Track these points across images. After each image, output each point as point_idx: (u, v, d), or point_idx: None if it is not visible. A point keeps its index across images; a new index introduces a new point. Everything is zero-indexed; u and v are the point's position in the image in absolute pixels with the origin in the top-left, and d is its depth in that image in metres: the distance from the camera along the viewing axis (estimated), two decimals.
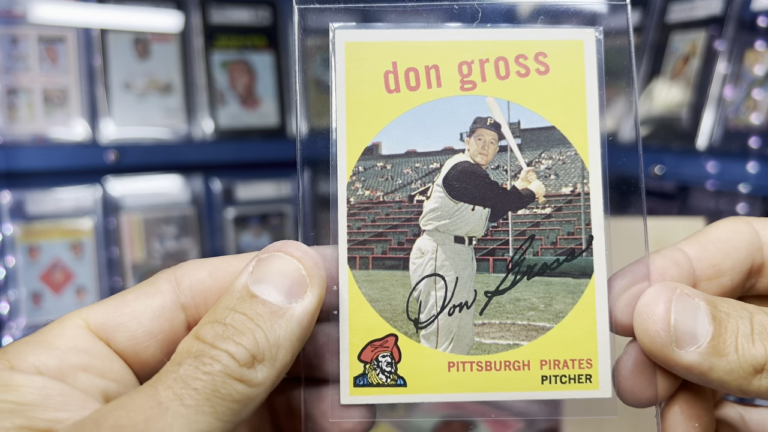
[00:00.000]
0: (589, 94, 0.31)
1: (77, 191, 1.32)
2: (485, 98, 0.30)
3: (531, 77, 0.30)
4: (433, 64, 0.30)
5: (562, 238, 0.31)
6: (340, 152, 0.30)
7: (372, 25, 0.30)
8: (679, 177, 1.08)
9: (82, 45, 1.30)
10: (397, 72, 0.30)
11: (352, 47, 0.30)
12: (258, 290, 0.28)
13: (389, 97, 0.30)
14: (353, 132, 0.30)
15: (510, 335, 0.31)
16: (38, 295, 1.28)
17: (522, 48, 0.30)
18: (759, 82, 1.04)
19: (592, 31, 0.31)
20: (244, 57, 1.41)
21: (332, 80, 0.30)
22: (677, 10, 1.20)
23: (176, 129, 1.35)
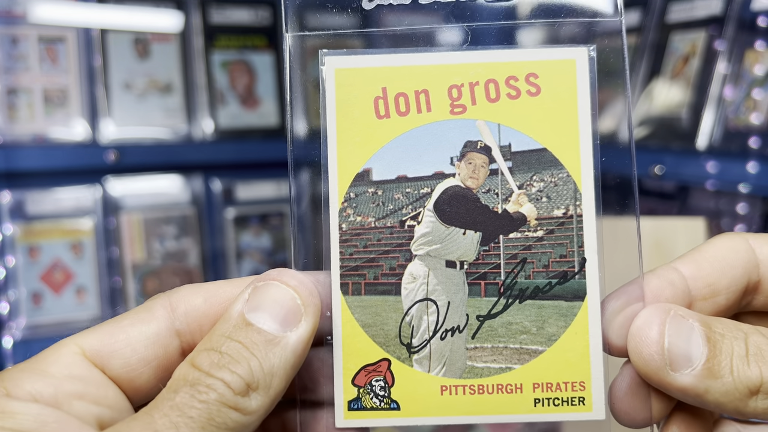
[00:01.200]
0: (581, 114, 0.30)
1: (77, 191, 1.32)
2: (475, 122, 0.30)
3: (522, 99, 0.30)
4: (422, 88, 0.30)
5: (555, 260, 0.31)
6: (332, 179, 0.30)
7: (361, 51, 0.30)
8: (679, 177, 1.08)
9: (82, 45, 1.30)
10: (386, 97, 0.30)
11: (341, 74, 0.30)
12: (253, 318, 0.28)
13: (379, 123, 0.30)
14: (344, 159, 0.30)
15: (502, 359, 0.31)
16: (38, 295, 1.28)
17: (512, 69, 0.30)
18: (759, 82, 1.04)
19: (585, 50, 0.30)
20: (244, 57, 1.41)
21: (323, 107, 0.30)
22: (677, 10, 1.20)
23: (176, 129, 1.36)
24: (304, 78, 0.32)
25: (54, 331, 1.29)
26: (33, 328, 1.28)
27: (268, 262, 1.47)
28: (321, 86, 0.31)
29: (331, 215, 0.30)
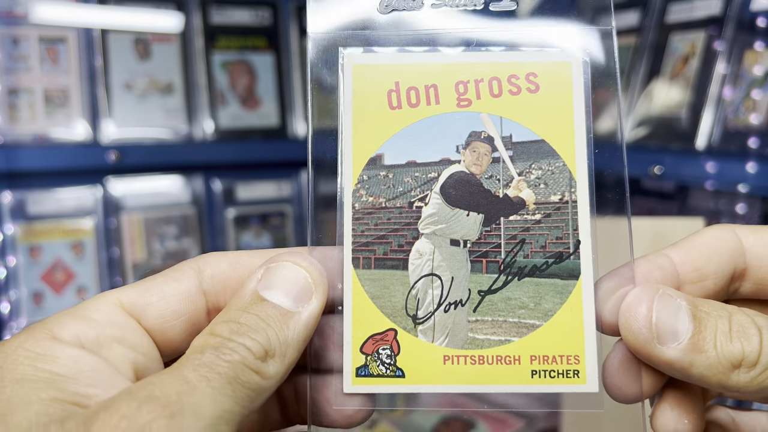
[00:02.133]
0: (576, 110, 0.33)
1: (78, 191, 1.32)
2: (479, 114, 0.33)
3: (522, 95, 0.33)
4: (432, 83, 0.33)
5: (551, 242, 0.33)
6: (346, 162, 0.33)
7: (377, 48, 0.33)
8: (678, 177, 1.08)
9: (83, 45, 1.30)
10: (399, 91, 0.33)
11: (358, 69, 0.33)
12: (268, 295, 0.31)
13: (392, 113, 0.33)
14: (359, 144, 0.33)
15: (502, 331, 0.33)
16: (39, 295, 1.28)
17: (514, 69, 0.33)
18: (758, 83, 1.04)
19: (580, 54, 0.33)
20: (245, 57, 1.41)
21: (341, 98, 0.33)
22: (676, 10, 1.20)
23: (177, 129, 1.36)
24: (324, 74, 0.35)
25: None
26: None
27: None
28: (340, 79, 0.33)
29: (345, 195, 0.33)
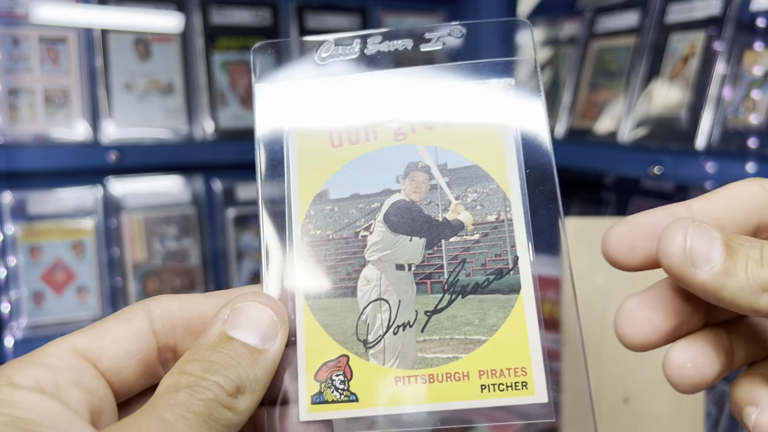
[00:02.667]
0: (505, 134, 0.35)
1: (78, 191, 1.32)
2: (416, 146, 0.35)
3: (455, 125, 0.35)
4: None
5: (491, 259, 0.35)
6: (294, 200, 0.35)
7: (317, 94, 0.36)
8: (678, 177, 1.08)
9: (83, 46, 1.30)
10: (340, 130, 0.36)
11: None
12: (236, 334, 0.32)
13: (334, 151, 0.36)
14: (304, 182, 0.35)
15: (449, 349, 0.34)
16: (39, 294, 1.29)
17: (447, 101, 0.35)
18: (758, 83, 1.04)
19: (505, 82, 0.35)
20: (245, 58, 1.41)
21: (285, 139, 0.36)
22: (676, 10, 1.21)
23: (177, 129, 1.36)
24: (270, 121, 0.37)
25: (55, 331, 1.29)
26: (34, 328, 1.28)
27: None
28: (284, 125, 0.36)
29: (294, 231, 0.35)
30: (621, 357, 0.91)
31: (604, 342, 0.92)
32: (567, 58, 1.45)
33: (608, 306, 0.92)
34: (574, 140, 1.35)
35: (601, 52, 1.36)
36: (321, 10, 1.48)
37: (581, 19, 1.42)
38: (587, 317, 0.92)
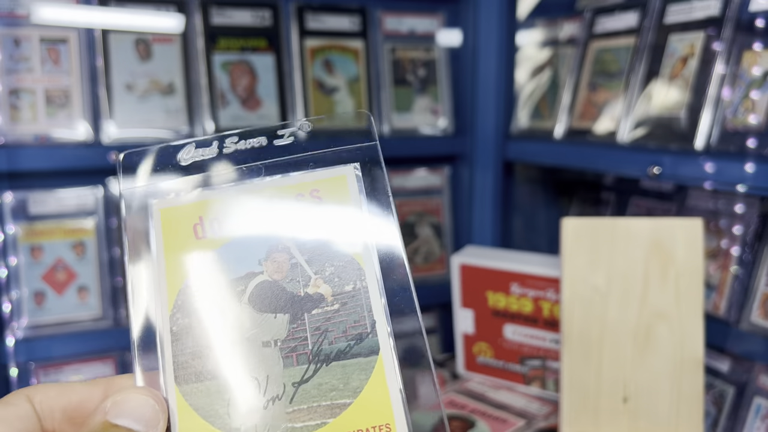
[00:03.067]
0: (356, 211, 0.38)
1: (79, 191, 1.33)
2: (277, 233, 0.38)
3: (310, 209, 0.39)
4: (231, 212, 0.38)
5: (351, 326, 0.37)
6: (161, 290, 0.37)
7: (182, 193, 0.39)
8: (677, 177, 1.09)
9: (84, 46, 1.31)
10: (203, 223, 0.38)
11: (165, 211, 0.38)
12: (121, 422, 0.34)
13: (199, 242, 0.38)
14: (171, 274, 0.37)
15: (317, 416, 0.36)
16: (40, 294, 1.29)
17: (299, 188, 0.39)
18: (757, 83, 1.04)
19: (351, 167, 0.40)
20: (245, 58, 1.42)
21: (152, 236, 0.38)
22: (675, 11, 1.21)
23: (178, 130, 1.36)
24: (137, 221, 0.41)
25: (56, 331, 1.30)
26: (35, 328, 1.28)
27: None
28: (150, 224, 0.39)
29: (162, 320, 0.37)
30: (620, 357, 0.92)
31: (604, 342, 0.92)
32: (566, 58, 1.45)
33: (607, 306, 0.92)
34: (573, 140, 1.35)
35: (600, 52, 1.36)
36: (321, 10, 1.49)
37: (580, 20, 1.42)
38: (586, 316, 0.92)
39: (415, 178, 1.62)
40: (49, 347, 1.27)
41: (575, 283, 0.93)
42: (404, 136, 1.56)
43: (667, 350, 0.90)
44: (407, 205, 1.61)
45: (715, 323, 1.15)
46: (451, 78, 1.62)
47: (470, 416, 1.02)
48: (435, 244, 1.63)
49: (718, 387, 1.17)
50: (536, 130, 1.49)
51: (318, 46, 1.49)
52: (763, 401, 1.11)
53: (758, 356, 1.11)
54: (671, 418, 0.91)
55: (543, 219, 1.68)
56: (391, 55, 1.56)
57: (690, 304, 0.91)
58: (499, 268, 1.11)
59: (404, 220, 1.61)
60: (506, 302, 1.11)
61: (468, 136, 1.57)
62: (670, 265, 0.91)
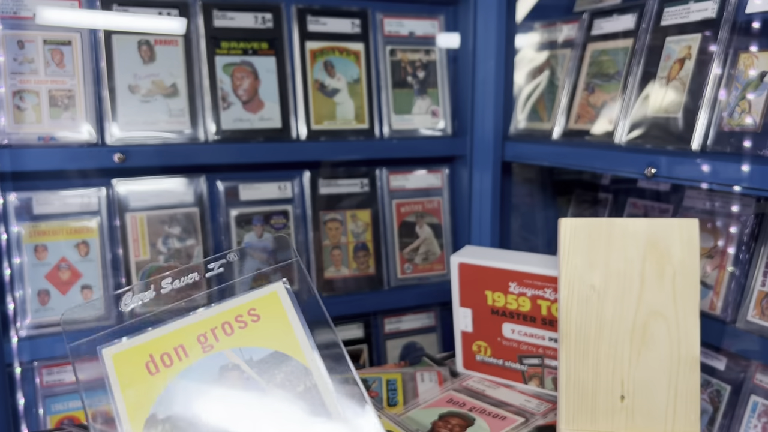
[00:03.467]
0: (291, 320, 0.42)
1: (83, 192, 1.34)
2: (223, 352, 0.41)
3: (249, 326, 0.41)
4: (178, 344, 0.41)
5: None
6: (124, 426, 0.39)
7: (130, 335, 0.41)
8: (674, 178, 1.09)
9: (87, 48, 1.32)
10: (154, 360, 0.40)
11: (117, 356, 0.41)
12: None
13: (153, 378, 0.40)
14: (133, 411, 0.39)
15: None
16: (44, 294, 1.30)
17: (237, 311, 0.42)
18: (753, 85, 1.05)
19: (281, 283, 0.44)
20: (248, 60, 1.43)
21: (107, 383, 0.40)
22: (672, 13, 1.22)
23: (181, 131, 1.37)
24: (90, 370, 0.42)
25: (59, 330, 1.31)
26: (39, 327, 1.29)
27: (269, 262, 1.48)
28: (105, 370, 0.41)
29: None
30: (618, 355, 0.93)
31: (601, 340, 0.93)
32: (564, 60, 1.46)
33: (604, 305, 0.93)
34: (571, 141, 1.36)
35: (597, 54, 1.37)
36: (322, 13, 1.50)
37: (578, 22, 1.44)
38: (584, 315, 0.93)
39: (415, 178, 1.64)
40: (52, 346, 1.28)
41: (573, 282, 0.94)
42: (404, 137, 1.57)
43: (664, 349, 0.91)
44: (407, 206, 1.63)
45: (711, 322, 1.16)
46: (450, 80, 1.63)
47: (469, 414, 1.03)
48: (434, 243, 1.65)
49: (714, 385, 1.18)
50: (534, 131, 1.50)
51: (319, 48, 1.50)
52: (759, 399, 1.12)
53: (754, 355, 1.12)
54: (668, 415, 0.92)
55: (541, 219, 1.69)
56: (391, 57, 1.57)
57: (686, 303, 0.92)
58: (497, 268, 1.12)
59: (404, 220, 1.62)
60: (505, 301, 1.12)
61: (467, 138, 1.58)
62: (666, 265, 0.92)
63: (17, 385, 1.30)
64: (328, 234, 1.54)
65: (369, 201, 1.58)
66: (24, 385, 1.31)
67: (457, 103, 1.62)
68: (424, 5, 1.60)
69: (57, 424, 1.34)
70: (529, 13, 1.60)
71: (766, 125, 1.02)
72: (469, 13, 1.54)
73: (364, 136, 1.53)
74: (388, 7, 1.57)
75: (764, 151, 1.01)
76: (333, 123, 1.51)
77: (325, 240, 1.54)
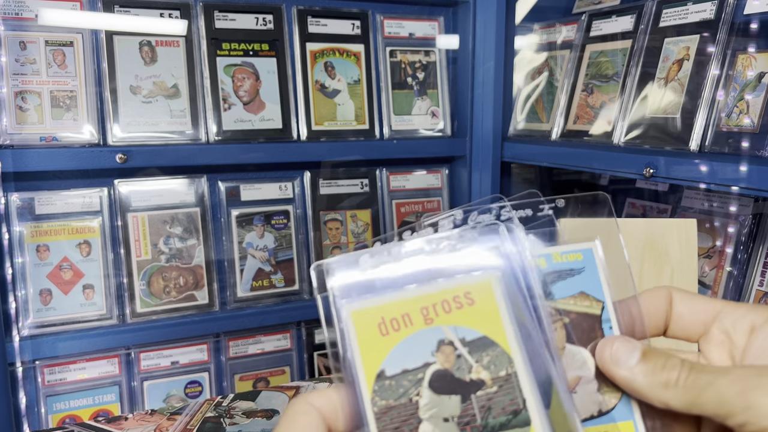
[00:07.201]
0: (501, 310, 0.46)
1: (85, 192, 1.34)
2: (441, 327, 0.46)
3: (464, 308, 0.47)
4: (405, 312, 0.47)
5: (508, 404, 0.45)
6: (362, 381, 0.46)
7: (366, 296, 0.47)
8: (672, 178, 1.10)
9: (89, 49, 1.32)
10: (385, 323, 0.47)
11: (356, 314, 0.47)
12: None
13: (383, 339, 0.46)
14: (367, 366, 0.46)
15: None
16: (46, 293, 1.30)
17: (455, 292, 0.47)
18: (751, 86, 1.06)
19: (495, 273, 0.47)
20: (248, 62, 1.43)
21: (346, 338, 0.46)
22: (670, 15, 1.22)
23: (182, 131, 1.38)
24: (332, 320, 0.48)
25: (62, 329, 1.31)
26: (41, 326, 1.30)
27: (271, 262, 1.49)
28: (344, 324, 0.46)
29: (366, 404, 0.45)
30: None
31: None
32: (563, 61, 1.47)
33: None
34: (570, 142, 1.37)
35: (596, 55, 1.38)
36: (322, 15, 1.50)
37: (577, 24, 1.44)
38: None
39: (415, 178, 1.64)
40: (54, 345, 1.28)
41: None
42: (404, 138, 1.58)
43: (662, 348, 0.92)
44: (407, 206, 1.63)
45: None
46: (449, 81, 1.64)
47: None
48: None
49: None
50: (533, 131, 1.51)
51: (319, 49, 1.50)
52: None
53: None
54: None
55: None
56: (391, 58, 1.58)
57: None
58: None
59: (404, 220, 1.63)
60: None
61: (466, 138, 1.59)
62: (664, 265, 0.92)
63: (19, 384, 1.30)
64: (329, 234, 1.55)
65: (369, 201, 1.59)
66: (26, 385, 1.31)
67: (456, 104, 1.63)
68: (424, 7, 1.61)
69: (59, 423, 1.35)
70: (527, 15, 1.60)
71: (763, 126, 1.02)
72: (469, 14, 1.55)
73: (364, 137, 1.54)
74: (388, 8, 1.58)
75: (762, 152, 1.01)
76: (333, 124, 1.51)
77: (326, 240, 1.54)
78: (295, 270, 1.51)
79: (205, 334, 1.45)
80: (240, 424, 1.00)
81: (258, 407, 1.05)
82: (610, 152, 1.21)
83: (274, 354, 1.54)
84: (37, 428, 1.33)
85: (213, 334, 1.46)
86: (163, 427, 1.00)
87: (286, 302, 1.49)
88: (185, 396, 1.45)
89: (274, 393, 1.10)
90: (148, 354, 1.41)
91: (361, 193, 1.58)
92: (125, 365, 1.40)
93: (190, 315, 1.40)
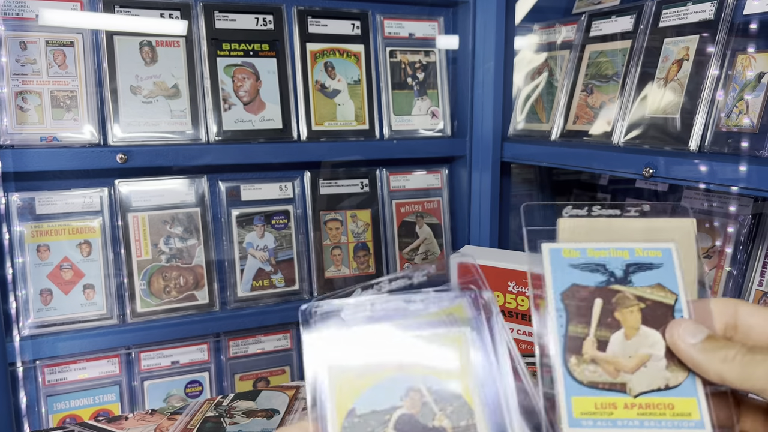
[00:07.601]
0: (463, 366, 0.50)
1: (85, 192, 1.34)
2: (412, 375, 0.49)
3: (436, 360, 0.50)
4: (381, 362, 0.50)
5: None
6: (331, 416, 0.48)
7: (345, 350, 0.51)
8: (671, 178, 1.10)
9: (90, 49, 1.32)
10: (361, 371, 0.49)
11: (333, 368, 0.50)
12: None
13: (359, 380, 0.49)
14: (339, 404, 0.48)
15: None
16: (46, 293, 1.31)
17: (430, 339, 0.51)
18: (750, 86, 1.06)
19: (467, 327, 0.52)
20: (249, 62, 1.43)
21: (323, 384, 0.49)
22: (670, 15, 1.22)
23: (182, 132, 1.38)
24: None
25: (62, 329, 1.31)
26: (41, 326, 1.30)
27: (271, 262, 1.49)
28: (320, 375, 0.49)
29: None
30: None
31: None
32: (563, 61, 1.47)
33: None
34: (569, 142, 1.37)
35: (596, 55, 1.38)
36: (322, 15, 1.51)
37: (577, 24, 1.44)
38: None
39: (415, 178, 1.65)
40: (55, 345, 1.28)
41: None
42: (404, 138, 1.58)
43: None
44: (407, 206, 1.64)
45: None
46: (449, 81, 1.64)
47: None
48: (434, 243, 1.65)
49: None
50: (533, 132, 1.51)
51: (319, 49, 1.51)
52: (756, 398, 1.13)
53: None
54: None
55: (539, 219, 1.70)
56: (391, 58, 1.58)
57: None
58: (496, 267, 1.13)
59: (404, 220, 1.63)
60: (504, 300, 1.13)
61: (466, 138, 1.59)
62: None
63: (20, 384, 1.30)
64: (329, 234, 1.55)
65: (369, 201, 1.59)
66: (26, 384, 1.31)
67: (456, 104, 1.63)
68: (424, 7, 1.61)
69: (59, 422, 1.35)
70: (527, 15, 1.61)
71: (763, 126, 1.03)
72: (469, 14, 1.55)
73: (364, 137, 1.54)
74: (388, 9, 1.58)
75: (761, 152, 1.02)
76: (333, 124, 1.52)
77: (326, 240, 1.55)
78: (295, 270, 1.51)
79: (206, 334, 1.45)
80: (240, 423, 1.00)
81: (258, 407, 1.05)
82: (609, 152, 1.21)
83: (274, 354, 1.54)
84: (38, 428, 1.33)
85: (213, 334, 1.47)
86: (164, 426, 1.00)
87: (286, 302, 1.50)
88: (185, 396, 1.45)
89: (274, 393, 1.10)
90: (148, 354, 1.41)
91: (361, 193, 1.58)
92: (125, 365, 1.40)
93: (190, 315, 1.40)
